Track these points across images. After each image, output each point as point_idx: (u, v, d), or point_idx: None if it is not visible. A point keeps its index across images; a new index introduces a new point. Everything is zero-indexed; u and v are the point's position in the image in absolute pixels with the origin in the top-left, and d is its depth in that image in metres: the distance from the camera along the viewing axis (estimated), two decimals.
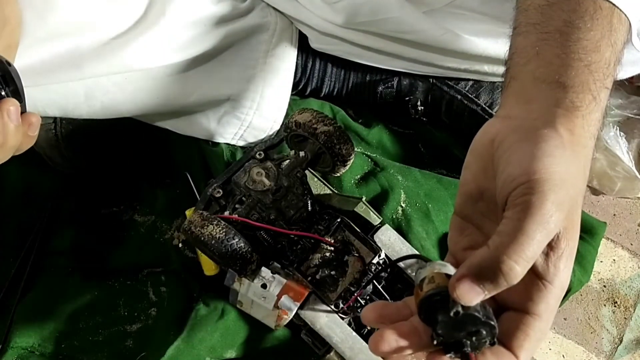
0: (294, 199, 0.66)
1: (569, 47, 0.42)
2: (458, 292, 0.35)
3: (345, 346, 0.62)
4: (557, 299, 0.38)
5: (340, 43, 0.78)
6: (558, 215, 0.36)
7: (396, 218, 0.76)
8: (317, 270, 0.64)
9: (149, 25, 0.66)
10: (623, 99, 0.92)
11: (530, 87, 0.43)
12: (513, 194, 0.37)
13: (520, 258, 0.35)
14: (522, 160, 0.38)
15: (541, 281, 0.38)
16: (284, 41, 0.77)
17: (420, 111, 0.85)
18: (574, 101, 0.41)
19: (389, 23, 0.72)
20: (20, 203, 0.77)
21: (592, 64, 0.42)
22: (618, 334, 0.82)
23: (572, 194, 0.37)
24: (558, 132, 0.39)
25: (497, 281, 0.35)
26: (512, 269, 0.35)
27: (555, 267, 0.38)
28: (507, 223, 0.36)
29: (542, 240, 0.35)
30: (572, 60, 0.42)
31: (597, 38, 0.43)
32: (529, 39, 0.45)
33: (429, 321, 0.37)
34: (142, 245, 0.77)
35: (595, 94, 0.41)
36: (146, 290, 0.74)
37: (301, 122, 0.66)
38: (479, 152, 0.42)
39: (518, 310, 0.39)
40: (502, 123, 0.42)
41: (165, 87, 0.71)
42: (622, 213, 0.92)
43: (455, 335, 0.36)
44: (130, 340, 0.71)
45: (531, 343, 0.38)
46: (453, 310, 0.36)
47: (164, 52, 0.68)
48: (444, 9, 0.71)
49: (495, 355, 0.38)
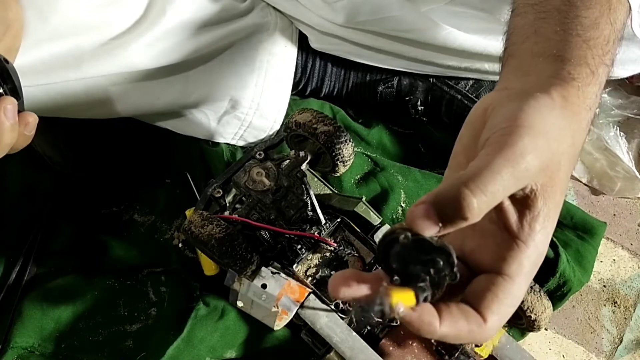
0: (294, 199, 0.66)
1: (567, 24, 0.43)
2: (410, 218, 0.33)
3: (345, 346, 0.62)
4: (532, 262, 0.37)
5: (340, 42, 0.78)
6: (532, 160, 0.34)
7: (396, 218, 0.76)
8: (317, 270, 0.64)
9: (149, 25, 0.66)
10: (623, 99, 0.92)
11: (527, 62, 0.43)
12: (490, 137, 0.36)
13: (479, 191, 0.32)
14: (507, 112, 0.37)
15: (514, 240, 0.36)
16: (284, 41, 0.77)
17: (421, 111, 0.85)
18: (571, 72, 0.40)
19: (389, 22, 0.72)
20: (20, 203, 0.77)
21: (590, 40, 0.42)
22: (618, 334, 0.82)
23: (554, 147, 0.36)
24: (551, 95, 0.38)
25: (453, 214, 0.33)
26: (469, 202, 0.32)
27: (530, 227, 0.36)
28: (476, 159, 0.35)
29: (508, 179, 0.33)
30: (570, 36, 0.42)
31: (596, 15, 0.43)
32: (527, 19, 0.45)
33: (385, 260, 0.34)
34: (142, 245, 0.77)
35: (593, 68, 0.41)
36: (146, 290, 0.74)
37: (301, 122, 0.66)
38: (471, 122, 0.40)
39: (490, 272, 0.37)
40: (497, 94, 0.41)
41: (165, 87, 0.71)
42: (622, 213, 0.92)
43: (410, 269, 0.33)
44: (130, 340, 0.71)
45: (500, 306, 0.36)
46: (402, 236, 0.33)
47: (164, 52, 0.68)
48: (445, 8, 0.72)
49: (462, 313, 0.36)
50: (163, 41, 0.68)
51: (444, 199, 0.33)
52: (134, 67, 0.67)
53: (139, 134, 0.80)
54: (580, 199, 0.92)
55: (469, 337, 0.36)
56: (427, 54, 0.77)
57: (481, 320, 0.36)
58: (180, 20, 0.68)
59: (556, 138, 0.36)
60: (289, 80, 0.78)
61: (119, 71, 0.66)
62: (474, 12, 0.72)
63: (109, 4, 0.64)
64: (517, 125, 0.35)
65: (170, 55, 0.69)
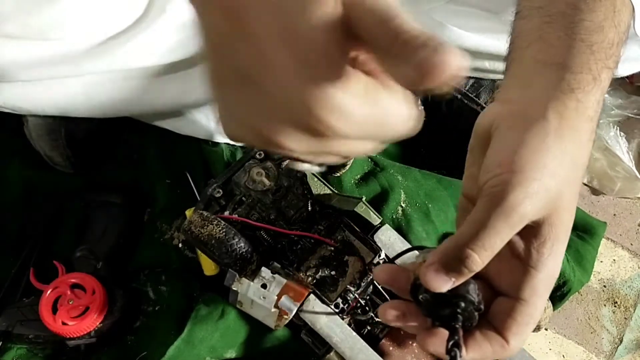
0: (294, 199, 0.66)
1: (571, 28, 0.43)
2: (425, 279, 0.37)
3: (345, 346, 0.62)
4: (545, 285, 0.39)
5: None
6: (527, 206, 0.36)
7: (396, 218, 0.76)
8: (317, 270, 0.64)
9: (148, 23, 0.66)
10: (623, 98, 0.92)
11: (529, 70, 0.43)
12: (486, 185, 0.38)
13: (479, 247, 0.36)
14: (500, 151, 0.38)
15: (525, 267, 0.39)
16: None
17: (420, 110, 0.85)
18: (571, 83, 0.41)
19: None
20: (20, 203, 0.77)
21: (594, 44, 0.42)
22: (618, 334, 0.82)
23: (552, 183, 0.37)
24: (547, 119, 0.39)
25: (460, 269, 0.37)
26: (471, 259, 0.36)
27: (539, 253, 0.38)
28: (473, 213, 0.37)
29: (505, 231, 0.36)
30: (573, 42, 0.42)
31: (600, 19, 0.43)
32: (531, 22, 0.45)
33: (417, 303, 0.39)
34: (142, 245, 0.77)
35: (595, 74, 0.41)
36: (146, 290, 0.74)
37: None
38: (480, 135, 0.42)
39: (508, 296, 0.40)
40: (501, 107, 0.42)
41: (164, 86, 0.71)
42: (622, 213, 0.91)
43: (441, 312, 0.38)
44: (130, 339, 0.71)
45: (519, 327, 0.39)
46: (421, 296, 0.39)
47: (163, 50, 0.68)
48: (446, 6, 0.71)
49: (486, 338, 0.39)
50: (163, 40, 0.67)
51: (451, 260, 0.37)
52: (133, 65, 0.66)
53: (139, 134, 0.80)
54: (580, 199, 0.92)
55: (494, 357, 0.40)
56: None
57: (503, 341, 0.39)
58: (179, 19, 0.68)
59: (554, 172, 0.38)
60: None
61: (117, 69, 0.66)
62: (476, 10, 0.71)
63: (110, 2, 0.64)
64: (511, 171, 0.37)
65: (170, 54, 0.68)
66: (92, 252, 0.71)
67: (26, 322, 0.67)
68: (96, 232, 0.73)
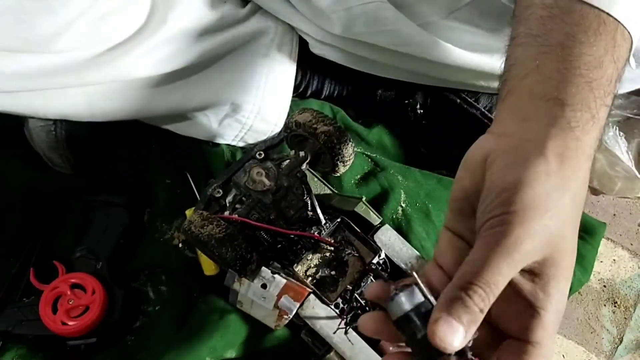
0: (294, 199, 0.66)
1: (570, 62, 0.41)
2: (439, 336, 0.34)
3: (345, 346, 0.62)
4: (554, 323, 0.38)
5: (338, 51, 0.78)
6: (529, 245, 0.35)
7: (396, 218, 0.76)
8: (317, 270, 0.64)
9: (150, 33, 0.66)
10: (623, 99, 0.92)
11: (527, 104, 0.41)
12: (485, 225, 0.37)
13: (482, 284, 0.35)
14: (501, 191, 0.37)
15: (534, 308, 0.38)
16: (284, 46, 0.77)
17: (420, 114, 0.85)
18: (571, 121, 0.39)
19: (384, 35, 0.72)
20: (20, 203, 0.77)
21: (593, 81, 0.40)
22: (618, 334, 0.82)
23: (553, 223, 0.37)
24: (547, 159, 0.38)
25: (467, 310, 0.35)
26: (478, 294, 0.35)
27: (545, 292, 0.37)
28: (472, 253, 0.36)
29: (505, 270, 0.35)
30: (573, 77, 0.40)
31: (600, 54, 0.41)
32: (528, 51, 0.43)
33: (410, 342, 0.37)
34: (142, 245, 0.77)
35: (594, 112, 0.40)
36: (146, 290, 0.74)
37: (301, 122, 0.66)
38: (472, 168, 0.41)
39: (518, 339, 0.38)
40: (496, 140, 0.40)
41: (166, 94, 0.71)
42: (622, 213, 0.92)
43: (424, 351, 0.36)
44: (130, 339, 0.71)
45: None
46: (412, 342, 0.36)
47: (165, 59, 0.68)
48: (440, 22, 0.71)
49: None
50: (164, 49, 0.67)
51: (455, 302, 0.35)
52: (135, 75, 0.67)
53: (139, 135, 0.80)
54: None
55: None
56: (422, 68, 0.76)
57: None
58: (181, 28, 0.68)
59: (555, 213, 0.37)
60: (289, 84, 0.78)
61: (119, 79, 0.66)
62: (470, 28, 0.71)
63: (111, 13, 0.64)
64: (510, 212, 0.36)
65: (171, 63, 0.69)
66: (92, 252, 0.71)
67: (26, 322, 0.67)
68: (96, 232, 0.73)
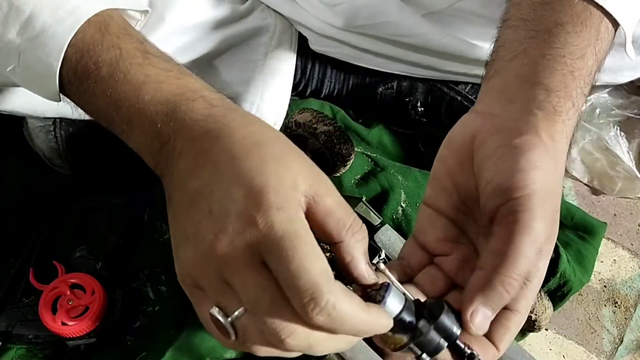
0: None
1: (556, 49, 0.43)
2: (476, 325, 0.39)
3: None
4: (534, 292, 0.40)
5: (339, 46, 0.78)
6: (544, 228, 0.37)
7: (396, 218, 0.76)
8: None
9: (147, 31, 0.66)
10: (623, 99, 0.92)
11: (512, 86, 0.43)
12: (502, 209, 0.38)
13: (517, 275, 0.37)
14: (508, 171, 0.38)
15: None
16: (283, 43, 0.77)
17: (420, 112, 0.85)
18: (556, 106, 0.41)
19: (388, 26, 0.72)
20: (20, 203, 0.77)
21: (575, 71, 0.42)
22: (618, 334, 0.82)
23: (554, 203, 0.39)
24: (541, 138, 0.39)
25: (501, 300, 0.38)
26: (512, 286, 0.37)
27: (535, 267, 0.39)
28: (499, 241, 0.38)
29: (533, 256, 0.37)
30: (557, 64, 0.42)
31: (584, 45, 0.43)
32: (517, 34, 0.45)
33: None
34: (142, 245, 0.77)
35: (575, 100, 0.42)
36: (146, 290, 0.74)
37: (301, 122, 0.66)
38: (457, 146, 0.42)
39: None
40: (483, 120, 0.42)
41: None
42: (623, 213, 0.91)
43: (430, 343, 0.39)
44: (130, 339, 0.71)
45: (511, 336, 0.41)
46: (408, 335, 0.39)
47: None
48: (444, 12, 0.71)
49: (480, 347, 0.40)
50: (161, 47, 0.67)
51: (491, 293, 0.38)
52: None
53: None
54: (581, 199, 0.92)
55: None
56: (425, 59, 0.77)
57: (495, 349, 0.41)
58: (179, 26, 0.68)
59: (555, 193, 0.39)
60: (288, 82, 0.78)
61: None
62: (473, 17, 0.71)
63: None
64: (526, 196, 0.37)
65: None
66: (92, 252, 0.71)
67: (26, 322, 0.67)
68: (96, 232, 0.73)
